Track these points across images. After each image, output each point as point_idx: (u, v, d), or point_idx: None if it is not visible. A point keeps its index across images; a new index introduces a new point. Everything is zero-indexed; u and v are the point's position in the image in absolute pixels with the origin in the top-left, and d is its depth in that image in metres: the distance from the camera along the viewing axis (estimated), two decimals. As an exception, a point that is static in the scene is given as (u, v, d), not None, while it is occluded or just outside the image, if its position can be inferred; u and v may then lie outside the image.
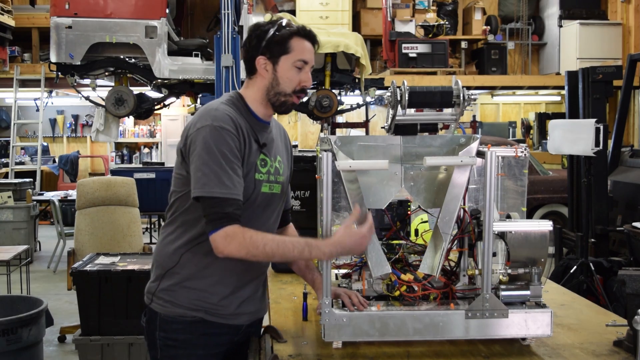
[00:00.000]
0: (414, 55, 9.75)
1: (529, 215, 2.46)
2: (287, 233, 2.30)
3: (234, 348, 2.08)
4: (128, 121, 12.18)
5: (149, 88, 7.88)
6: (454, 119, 2.33)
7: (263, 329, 2.15)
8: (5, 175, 10.26)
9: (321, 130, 7.87)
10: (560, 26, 11.12)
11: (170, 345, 2.01)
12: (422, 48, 9.82)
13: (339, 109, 7.30)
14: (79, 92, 7.49)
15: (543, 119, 11.37)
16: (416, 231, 2.29)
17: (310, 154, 2.89)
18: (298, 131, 12.08)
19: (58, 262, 7.55)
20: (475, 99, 2.27)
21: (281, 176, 2.09)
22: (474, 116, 10.08)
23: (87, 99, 7.55)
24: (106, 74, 7.54)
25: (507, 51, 11.27)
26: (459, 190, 1.97)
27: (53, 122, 12.43)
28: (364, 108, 7.93)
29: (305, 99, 6.99)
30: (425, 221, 2.31)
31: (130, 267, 3.86)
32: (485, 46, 11.10)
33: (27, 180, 8.46)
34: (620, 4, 11.01)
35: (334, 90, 7.25)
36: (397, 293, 2.03)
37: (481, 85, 10.69)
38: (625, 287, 4.04)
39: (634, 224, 4.93)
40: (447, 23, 10.39)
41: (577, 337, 2.05)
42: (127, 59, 7.33)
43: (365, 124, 8.29)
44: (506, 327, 1.94)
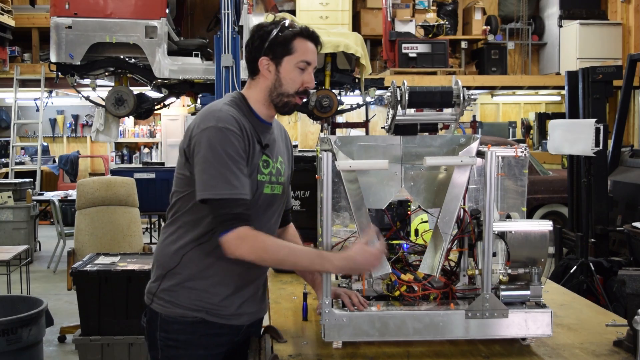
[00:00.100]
0: (414, 55, 9.75)
1: (529, 215, 2.46)
2: (288, 233, 2.30)
3: (235, 348, 2.09)
4: (128, 121, 12.18)
5: (149, 88, 7.88)
6: (454, 119, 2.33)
7: (263, 329, 2.15)
8: (5, 175, 10.26)
9: (321, 130, 7.86)
10: (560, 26, 11.13)
11: (171, 346, 2.01)
12: (422, 48, 9.82)
13: (339, 109, 7.29)
14: (79, 92, 7.49)
15: (543, 119, 11.37)
16: (416, 231, 2.29)
17: (310, 154, 2.89)
18: (298, 131, 12.08)
19: (58, 262, 7.55)
20: (475, 99, 2.27)
21: (282, 177, 2.09)
22: (474, 116, 10.08)
23: (87, 99, 7.55)
24: (106, 74, 7.53)
25: (507, 51, 11.27)
26: (459, 190, 1.97)
27: (53, 122, 12.43)
28: (364, 108, 7.92)
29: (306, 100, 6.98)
30: (425, 221, 2.31)
31: (130, 267, 3.86)
32: (485, 46, 11.10)
33: (27, 180, 8.46)
34: (620, 4, 11.01)
35: (334, 90, 7.24)
36: (397, 293, 2.03)
37: (481, 85, 10.69)
38: (625, 287, 4.04)
39: (634, 224, 4.93)
40: (447, 23, 10.39)
41: (577, 337, 2.05)
42: (127, 59, 7.32)
43: (365, 124, 8.29)
44: (506, 327, 1.94)
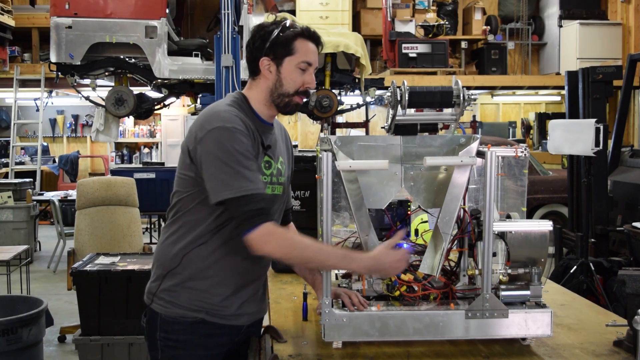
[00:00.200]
0: (414, 55, 9.75)
1: (529, 215, 2.46)
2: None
3: (235, 348, 2.09)
4: (128, 121, 12.17)
5: (149, 88, 7.88)
6: (454, 119, 2.33)
7: (263, 329, 2.15)
8: (5, 175, 10.26)
9: (321, 130, 7.86)
10: (560, 26, 11.12)
11: (171, 346, 2.00)
12: (422, 48, 9.82)
13: (339, 109, 7.29)
14: (79, 92, 7.49)
15: (543, 119, 11.37)
16: (416, 231, 2.29)
17: (310, 154, 2.89)
18: (298, 131, 12.08)
19: (58, 262, 7.55)
20: (475, 99, 2.27)
21: (283, 177, 2.09)
22: (474, 116, 10.07)
23: (87, 99, 7.55)
24: (106, 74, 7.53)
25: (507, 51, 11.26)
26: (459, 190, 1.97)
27: (53, 122, 12.42)
28: (364, 108, 7.92)
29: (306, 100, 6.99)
30: (425, 221, 2.31)
31: (130, 267, 3.86)
32: (485, 46, 11.09)
33: (27, 180, 8.46)
34: (620, 4, 11.01)
35: (334, 90, 7.24)
36: (397, 293, 2.03)
37: (481, 85, 10.69)
38: (625, 287, 4.04)
39: (634, 224, 4.93)
40: (447, 23, 10.39)
41: (577, 337, 2.05)
42: (127, 59, 7.33)
43: (365, 124, 8.29)
44: (506, 327, 1.94)
